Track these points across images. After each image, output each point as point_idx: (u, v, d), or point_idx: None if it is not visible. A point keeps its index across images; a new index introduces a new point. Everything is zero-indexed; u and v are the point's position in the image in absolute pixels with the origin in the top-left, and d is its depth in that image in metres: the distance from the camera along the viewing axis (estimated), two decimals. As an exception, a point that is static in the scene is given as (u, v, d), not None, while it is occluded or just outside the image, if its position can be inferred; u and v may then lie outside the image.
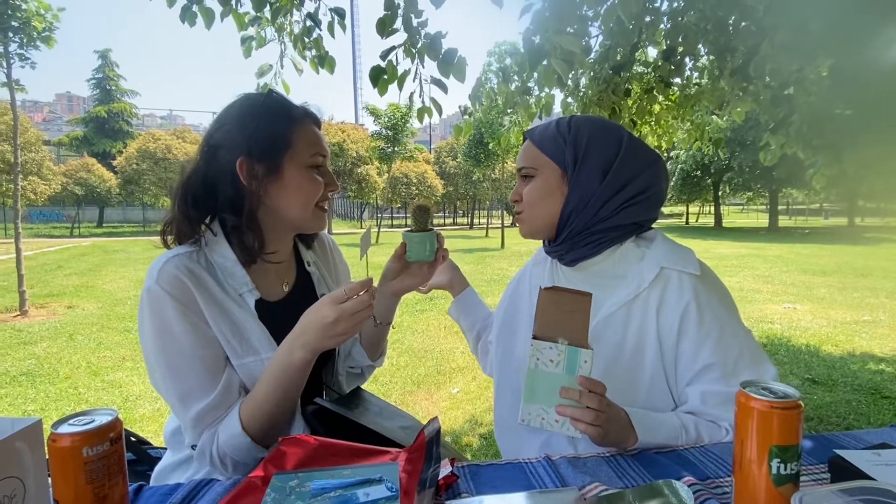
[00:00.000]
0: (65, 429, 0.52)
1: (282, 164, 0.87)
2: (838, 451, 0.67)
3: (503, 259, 12.45)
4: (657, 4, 2.87)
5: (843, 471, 0.64)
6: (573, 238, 0.93)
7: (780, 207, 28.09)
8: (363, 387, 1.10)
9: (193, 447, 0.84)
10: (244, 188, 0.87)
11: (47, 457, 0.56)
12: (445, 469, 0.69)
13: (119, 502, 0.55)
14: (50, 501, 0.56)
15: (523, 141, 1.01)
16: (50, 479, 0.56)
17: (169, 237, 0.90)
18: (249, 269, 0.91)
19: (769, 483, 0.55)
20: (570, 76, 3.00)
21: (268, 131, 0.87)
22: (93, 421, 0.54)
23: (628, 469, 0.72)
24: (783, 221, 30.41)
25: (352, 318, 0.78)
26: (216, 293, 0.86)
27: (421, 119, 2.11)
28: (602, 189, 0.90)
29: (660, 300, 0.87)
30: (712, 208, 31.88)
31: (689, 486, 0.64)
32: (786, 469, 0.55)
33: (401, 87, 1.93)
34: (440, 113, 2.08)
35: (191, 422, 0.83)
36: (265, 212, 0.90)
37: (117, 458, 0.55)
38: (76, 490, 0.52)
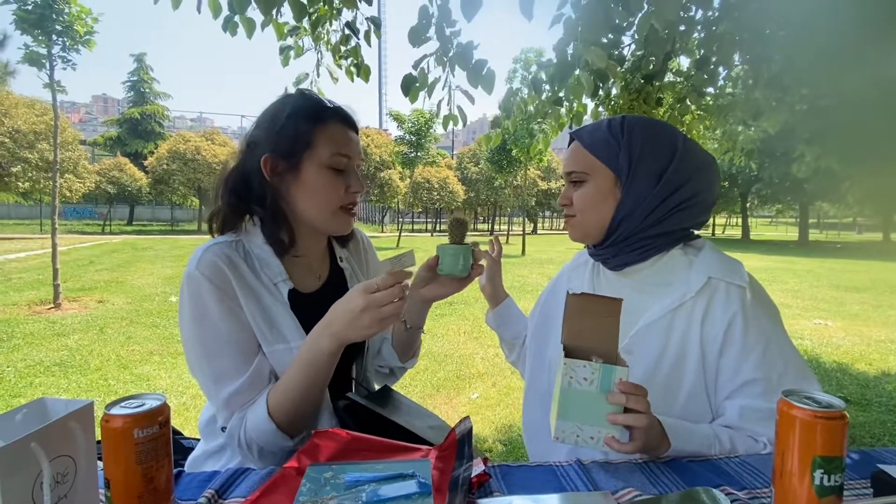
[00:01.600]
0: (117, 410, 0.54)
1: (301, 162, 0.89)
2: (881, 466, 0.65)
3: (524, 266, 12.38)
4: (692, 13, 2.84)
5: (886, 486, 0.62)
6: (621, 242, 0.92)
7: (810, 221, 27.31)
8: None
9: (224, 429, 0.86)
10: (268, 184, 0.91)
11: (97, 439, 0.59)
12: (478, 467, 0.69)
13: (165, 483, 0.57)
14: (99, 480, 0.58)
15: (569, 142, 0.99)
16: (100, 461, 0.58)
17: (214, 226, 0.95)
18: (284, 260, 0.94)
19: (812, 494, 0.54)
20: (602, 86, 2.99)
21: (292, 130, 0.89)
22: (144, 404, 0.56)
23: (661, 476, 0.71)
24: (814, 235, 29.54)
25: (380, 311, 0.77)
26: (251, 281, 0.89)
27: (446, 126, 2.13)
28: (654, 194, 0.88)
29: (705, 310, 0.85)
30: (740, 220, 31.16)
31: (726, 494, 0.63)
32: (829, 481, 0.54)
33: (430, 94, 1.95)
34: (465, 123, 2.11)
35: (222, 403, 0.85)
36: (289, 209, 0.93)
37: (164, 442, 0.56)
38: (126, 470, 0.54)
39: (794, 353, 0.85)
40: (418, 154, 18.27)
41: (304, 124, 0.89)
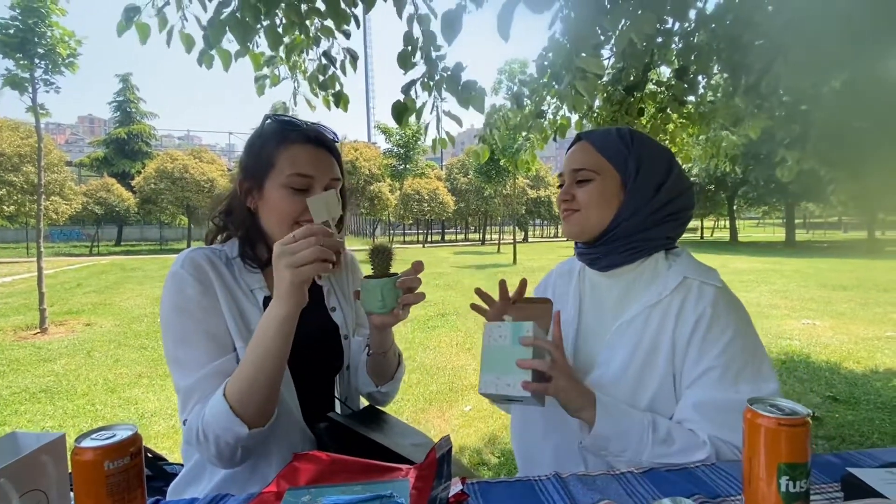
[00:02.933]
0: (87, 443, 0.54)
1: (264, 182, 0.93)
2: (851, 470, 0.66)
3: (515, 275, 12.34)
4: (669, 25, 2.90)
5: (855, 489, 0.64)
6: (613, 243, 0.96)
7: (796, 221, 27.70)
8: None
9: (185, 423, 0.86)
10: (245, 206, 0.96)
11: (70, 470, 0.58)
12: (456, 487, 0.69)
13: (138, 515, 0.57)
14: (72, 514, 0.58)
15: (573, 142, 1.04)
16: (72, 493, 0.58)
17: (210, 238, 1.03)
18: (264, 271, 0.98)
19: (779, 501, 0.55)
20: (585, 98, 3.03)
21: (258, 152, 0.94)
22: (114, 435, 0.56)
23: (638, 487, 0.72)
24: (800, 235, 29.92)
25: (294, 257, 0.75)
26: (230, 283, 0.93)
27: (435, 150, 2.16)
28: (652, 202, 0.94)
29: (680, 306, 0.90)
30: (727, 222, 31.52)
31: (698, 503, 0.64)
32: (795, 487, 0.55)
33: (419, 119, 1.97)
34: (453, 144, 2.14)
35: (187, 390, 0.85)
36: (262, 227, 0.97)
37: (137, 472, 0.56)
38: (97, 502, 0.54)
39: (758, 352, 0.88)
40: (407, 166, 18.35)
41: (269, 146, 0.93)
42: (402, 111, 1.96)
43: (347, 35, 2.04)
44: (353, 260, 1.17)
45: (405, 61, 1.89)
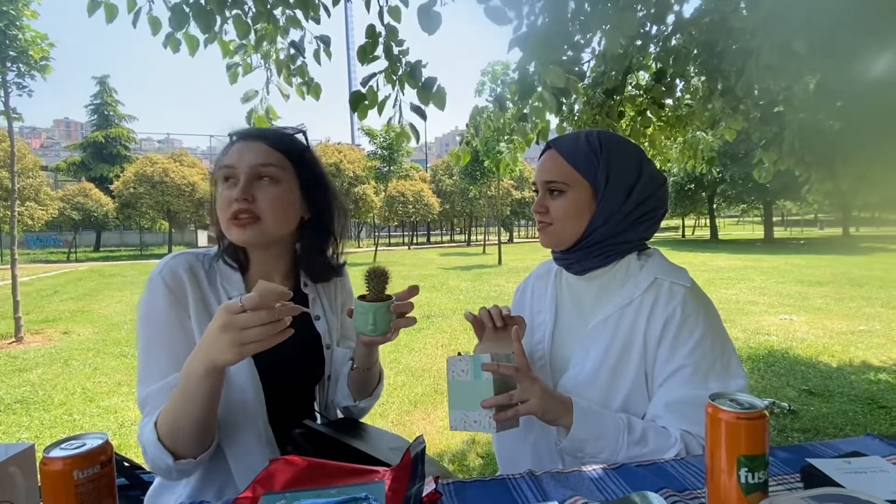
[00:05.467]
0: (56, 452, 0.54)
1: (216, 184, 0.95)
2: (810, 460, 0.69)
3: (500, 276, 12.46)
4: (647, 29, 2.95)
5: (814, 479, 0.66)
6: (587, 248, 0.98)
7: (775, 219, 28.29)
8: None
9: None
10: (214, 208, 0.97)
11: (39, 482, 0.58)
12: (429, 486, 0.70)
13: (109, 524, 0.56)
14: (42, 525, 0.57)
15: (543, 150, 1.03)
16: (41, 504, 0.58)
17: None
18: (246, 277, 0.97)
19: (739, 492, 0.57)
20: (565, 102, 3.06)
21: (218, 160, 0.96)
22: (84, 444, 0.55)
23: (609, 483, 0.74)
24: (779, 232, 30.56)
25: (241, 335, 0.67)
26: (206, 292, 0.93)
27: (398, 143, 2.15)
28: (623, 207, 0.95)
29: (651, 306, 0.92)
30: (708, 221, 32.07)
31: (666, 497, 0.66)
32: (753, 478, 0.57)
33: (381, 112, 1.96)
34: (417, 139, 2.12)
35: (141, 401, 0.87)
36: None
37: (107, 482, 0.56)
38: (67, 513, 0.53)
39: (726, 349, 0.91)
40: (391, 168, 18.30)
41: (224, 151, 0.95)
42: (357, 100, 1.96)
43: (318, 22, 2.02)
44: (343, 270, 1.16)
45: (364, 54, 1.90)
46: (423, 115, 1.93)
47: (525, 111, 2.75)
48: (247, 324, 0.67)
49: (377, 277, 0.85)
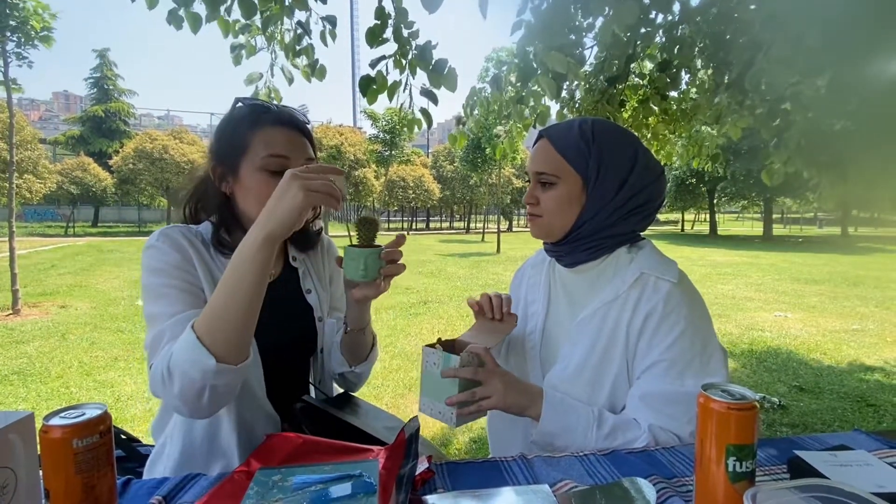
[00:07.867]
0: (56, 421, 0.55)
1: (239, 167, 0.92)
2: (797, 452, 0.70)
3: (499, 264, 12.49)
4: (652, 16, 2.91)
5: (800, 470, 0.67)
6: (577, 241, 0.97)
7: (774, 216, 28.29)
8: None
9: (151, 368, 0.82)
10: (220, 192, 0.95)
11: (39, 450, 0.59)
12: (423, 465, 0.71)
13: (107, 493, 0.57)
14: (41, 492, 0.58)
15: (536, 139, 1.01)
16: (41, 472, 0.58)
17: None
18: None
19: (726, 480, 0.58)
20: (565, 88, 3.03)
21: (231, 136, 0.93)
22: (83, 414, 0.56)
23: (599, 468, 0.75)
24: (778, 230, 30.62)
25: (307, 182, 0.73)
26: (206, 259, 0.93)
27: (410, 130, 2.13)
28: (615, 200, 0.93)
29: (636, 302, 0.91)
30: (708, 216, 32.07)
31: (654, 483, 0.67)
32: (741, 467, 0.58)
33: (391, 97, 1.94)
34: (430, 125, 2.10)
35: (154, 336, 0.83)
36: (239, 213, 0.96)
37: (106, 451, 0.57)
38: (66, 480, 0.54)
39: (708, 347, 0.89)
40: (393, 152, 18.22)
41: (241, 129, 0.92)
42: (367, 84, 1.93)
43: (325, 1, 1.99)
44: (329, 244, 1.17)
45: (373, 37, 1.87)
46: (434, 99, 1.91)
47: (523, 93, 2.72)
48: (314, 175, 0.74)
49: (367, 225, 0.87)
